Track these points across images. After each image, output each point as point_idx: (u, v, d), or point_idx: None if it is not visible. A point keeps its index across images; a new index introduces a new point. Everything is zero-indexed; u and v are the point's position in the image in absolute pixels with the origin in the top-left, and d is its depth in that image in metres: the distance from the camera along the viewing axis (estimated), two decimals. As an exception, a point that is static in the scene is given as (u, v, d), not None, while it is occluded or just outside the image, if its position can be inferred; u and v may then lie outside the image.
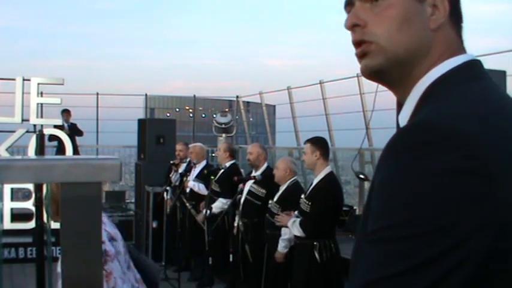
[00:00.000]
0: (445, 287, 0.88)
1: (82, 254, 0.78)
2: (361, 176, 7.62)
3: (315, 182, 5.19)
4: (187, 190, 7.86)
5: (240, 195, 6.33)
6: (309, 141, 5.30)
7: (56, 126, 6.28)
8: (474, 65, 1.06)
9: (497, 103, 1.01)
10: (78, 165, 0.77)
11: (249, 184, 6.35)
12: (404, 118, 1.07)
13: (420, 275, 0.87)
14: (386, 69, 1.08)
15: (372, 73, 1.10)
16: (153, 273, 2.99)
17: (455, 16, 1.09)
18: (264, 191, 6.25)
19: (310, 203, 5.03)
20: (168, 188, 8.12)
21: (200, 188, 7.76)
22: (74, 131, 11.34)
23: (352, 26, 1.09)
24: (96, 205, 0.79)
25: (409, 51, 1.06)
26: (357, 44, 1.10)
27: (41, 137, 5.08)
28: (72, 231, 0.78)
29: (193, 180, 7.92)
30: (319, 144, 5.26)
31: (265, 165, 6.67)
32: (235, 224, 6.44)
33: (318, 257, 4.88)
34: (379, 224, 0.93)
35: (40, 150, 5.01)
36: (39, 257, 4.48)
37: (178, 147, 8.76)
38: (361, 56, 1.10)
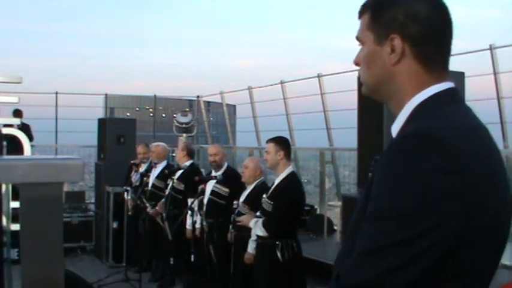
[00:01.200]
0: (421, 262, 1.12)
1: (42, 255, 0.77)
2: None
3: (276, 181, 5.18)
4: (148, 188, 7.82)
5: (202, 196, 6.30)
6: (272, 140, 5.24)
7: (6, 125, 6.11)
8: (453, 91, 1.35)
9: (471, 121, 1.30)
10: (39, 166, 0.76)
11: (211, 184, 6.32)
12: (395, 129, 1.35)
13: (401, 250, 1.12)
14: (370, 94, 1.44)
15: (365, 96, 1.47)
16: None
17: (421, 52, 1.34)
18: (227, 190, 6.24)
19: (272, 203, 5.03)
20: (128, 188, 8.05)
21: None
22: (24, 133, 11.00)
23: (356, 64, 1.46)
24: (57, 206, 0.78)
25: (375, 83, 1.40)
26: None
27: (-2, 136, 4.96)
28: (33, 232, 0.76)
29: (153, 181, 7.88)
30: (283, 144, 5.23)
31: (226, 164, 6.66)
32: (197, 226, 6.40)
33: (280, 256, 4.88)
34: (375, 206, 1.18)
35: (-3, 150, 4.89)
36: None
37: (140, 149, 8.52)
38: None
